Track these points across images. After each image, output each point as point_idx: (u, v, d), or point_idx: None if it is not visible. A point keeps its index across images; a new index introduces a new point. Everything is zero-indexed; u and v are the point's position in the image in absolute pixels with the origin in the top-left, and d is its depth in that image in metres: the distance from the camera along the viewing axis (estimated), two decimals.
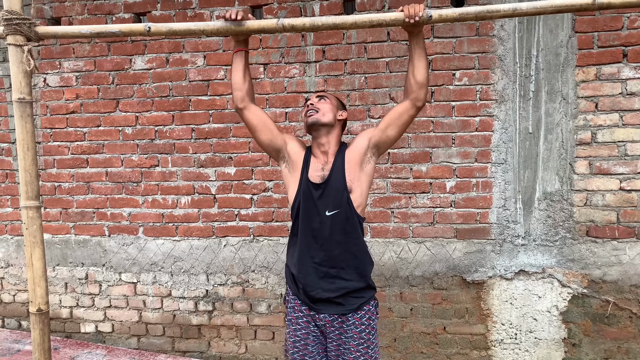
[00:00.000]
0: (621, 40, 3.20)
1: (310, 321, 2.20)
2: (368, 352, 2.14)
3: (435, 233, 3.53)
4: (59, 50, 3.79)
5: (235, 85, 2.18)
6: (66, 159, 3.90)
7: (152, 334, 3.93)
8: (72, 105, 3.84)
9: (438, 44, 3.40)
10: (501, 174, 3.42)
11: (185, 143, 3.74)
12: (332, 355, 2.18)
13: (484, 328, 3.52)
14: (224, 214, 3.75)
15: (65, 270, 3.99)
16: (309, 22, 2.03)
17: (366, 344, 2.14)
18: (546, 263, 3.41)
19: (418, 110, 2.13)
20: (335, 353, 2.17)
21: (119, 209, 3.88)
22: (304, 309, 2.20)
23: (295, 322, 2.22)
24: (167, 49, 3.68)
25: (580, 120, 3.30)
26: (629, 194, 3.29)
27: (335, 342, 2.17)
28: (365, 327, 2.16)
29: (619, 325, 3.35)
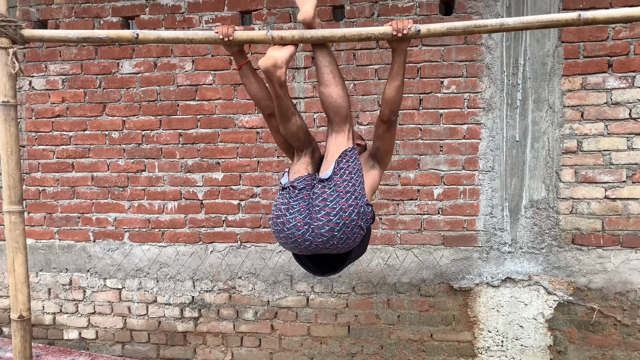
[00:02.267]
0: (606, 50, 3.24)
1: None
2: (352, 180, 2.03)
3: (423, 240, 3.54)
4: (45, 53, 3.75)
5: (256, 97, 2.19)
6: (51, 163, 3.85)
7: (137, 341, 3.88)
8: (57, 109, 3.79)
9: (426, 52, 3.42)
10: (488, 182, 3.44)
11: (173, 148, 3.72)
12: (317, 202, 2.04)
13: (471, 335, 3.53)
14: (211, 220, 3.73)
15: (48, 275, 3.93)
16: (298, 35, 2.03)
17: (351, 182, 2.03)
18: (532, 270, 3.43)
19: (386, 125, 2.14)
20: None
21: (105, 214, 3.83)
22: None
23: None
24: (156, 53, 3.66)
25: (567, 129, 3.33)
26: (613, 202, 3.32)
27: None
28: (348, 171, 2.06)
29: (604, 332, 3.38)
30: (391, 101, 2.08)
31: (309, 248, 2.01)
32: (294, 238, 1.99)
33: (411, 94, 3.45)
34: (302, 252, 2.09)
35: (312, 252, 2.05)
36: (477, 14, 3.33)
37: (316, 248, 2.00)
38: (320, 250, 2.02)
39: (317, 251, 2.03)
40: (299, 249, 2.05)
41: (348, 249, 2.05)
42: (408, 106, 3.46)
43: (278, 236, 2.06)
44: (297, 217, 1.99)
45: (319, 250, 2.02)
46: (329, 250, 2.02)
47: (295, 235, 1.98)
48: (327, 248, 2.00)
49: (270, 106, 2.16)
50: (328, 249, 2.01)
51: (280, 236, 2.04)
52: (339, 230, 1.95)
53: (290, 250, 2.12)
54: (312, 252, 2.05)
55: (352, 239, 2.01)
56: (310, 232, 1.97)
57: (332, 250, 2.02)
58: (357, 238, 2.03)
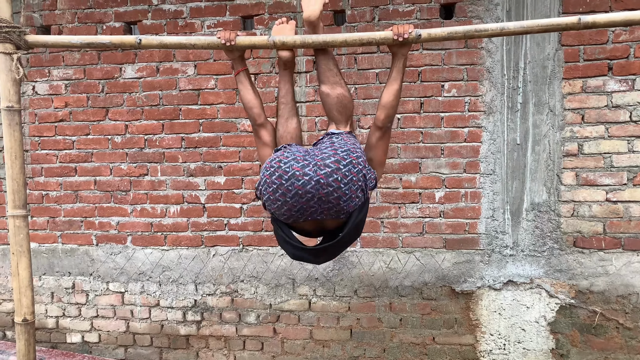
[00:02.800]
0: (606, 53, 3.25)
1: None
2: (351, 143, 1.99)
3: (425, 243, 3.55)
4: (48, 59, 3.78)
5: (248, 104, 2.15)
6: (54, 167, 3.87)
7: (140, 344, 3.89)
8: (61, 114, 3.82)
9: (427, 56, 3.43)
10: (489, 185, 3.45)
11: (175, 152, 3.73)
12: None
13: (473, 338, 3.53)
14: (213, 224, 3.74)
15: (51, 279, 3.94)
16: (299, 40, 2.05)
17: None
18: (534, 273, 3.43)
19: (380, 132, 2.09)
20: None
21: (107, 217, 3.85)
22: None
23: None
24: (158, 58, 3.68)
25: (567, 132, 3.34)
26: (615, 205, 3.33)
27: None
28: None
29: (606, 335, 3.38)
30: (388, 106, 2.06)
31: (309, 203, 1.84)
32: (294, 190, 1.81)
33: (412, 97, 3.46)
34: (298, 217, 1.90)
35: (309, 213, 1.87)
36: (477, 18, 3.35)
37: (316, 204, 1.84)
38: (318, 210, 1.86)
39: (314, 212, 1.87)
40: (296, 209, 1.86)
41: (347, 209, 1.89)
42: (409, 110, 3.48)
43: (274, 197, 1.86)
44: (294, 165, 1.84)
45: (317, 211, 1.87)
46: (328, 209, 1.86)
47: (295, 186, 1.81)
48: (328, 202, 1.84)
49: (262, 115, 2.15)
50: (328, 204, 1.85)
51: (277, 196, 1.85)
52: (344, 166, 1.84)
53: (285, 216, 1.92)
54: (309, 213, 1.87)
55: (355, 193, 1.87)
56: (313, 183, 1.80)
57: (331, 210, 1.87)
58: (358, 196, 1.90)
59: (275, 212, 1.93)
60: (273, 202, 1.89)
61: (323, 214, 1.89)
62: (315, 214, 1.88)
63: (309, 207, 1.86)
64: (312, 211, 1.87)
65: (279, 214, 1.93)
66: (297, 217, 1.91)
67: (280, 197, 1.85)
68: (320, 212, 1.88)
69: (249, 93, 2.16)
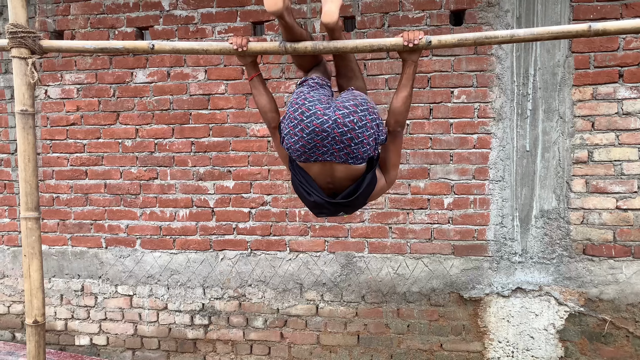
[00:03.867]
0: (617, 60, 3.24)
1: None
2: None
3: (433, 249, 3.54)
4: (61, 63, 3.82)
5: (263, 109, 2.19)
6: (65, 171, 3.90)
7: (147, 348, 3.90)
8: (72, 117, 3.86)
9: (437, 62, 3.44)
10: (499, 191, 3.44)
11: (185, 156, 3.76)
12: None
13: (481, 345, 3.52)
14: (222, 228, 3.76)
15: (61, 281, 3.97)
16: (310, 46, 2.07)
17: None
18: (543, 281, 3.41)
19: (391, 136, 2.12)
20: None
21: (117, 221, 3.87)
22: None
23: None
24: (169, 63, 3.72)
25: (577, 139, 3.33)
26: (625, 212, 3.31)
27: None
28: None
29: (616, 344, 3.35)
30: (397, 111, 2.09)
31: (323, 142, 1.93)
32: (311, 127, 1.92)
33: (421, 103, 3.47)
34: (309, 155, 1.98)
35: (319, 153, 1.96)
36: (487, 25, 3.35)
37: (329, 144, 1.93)
38: (330, 150, 1.94)
39: (325, 152, 1.95)
40: (310, 146, 1.95)
41: (356, 153, 1.96)
42: (418, 115, 3.48)
43: (293, 132, 1.97)
44: (317, 105, 1.96)
45: (328, 151, 1.95)
46: (339, 150, 1.94)
47: (313, 124, 1.92)
48: (341, 142, 1.92)
49: (276, 119, 2.18)
50: (340, 144, 1.93)
51: (296, 130, 1.96)
52: (362, 111, 1.94)
53: (298, 152, 2.00)
54: (319, 153, 1.96)
55: (367, 139, 1.95)
56: (330, 122, 1.90)
57: (341, 151, 1.94)
58: (370, 143, 1.97)
59: (290, 147, 2.03)
60: (291, 137, 2.00)
61: (333, 156, 1.97)
62: (325, 154, 1.97)
63: (322, 145, 1.95)
64: (323, 150, 1.96)
65: (293, 150, 2.02)
66: (308, 156, 2.00)
67: (299, 132, 1.96)
68: (330, 152, 1.96)
69: (264, 97, 2.18)
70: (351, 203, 2.11)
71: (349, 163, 2.00)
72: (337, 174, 2.04)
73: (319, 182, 2.09)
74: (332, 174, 2.05)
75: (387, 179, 2.20)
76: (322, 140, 1.94)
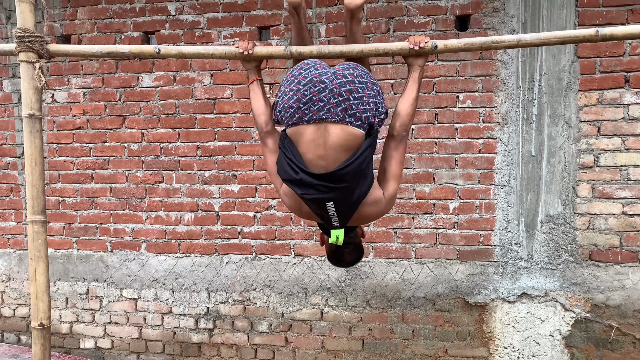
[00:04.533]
0: (623, 66, 3.24)
1: None
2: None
3: (438, 254, 3.53)
4: (67, 67, 3.85)
5: (257, 111, 2.15)
6: (71, 174, 3.92)
7: (152, 351, 3.90)
8: (78, 121, 3.88)
9: (442, 67, 3.44)
10: (504, 196, 3.44)
11: (190, 160, 3.77)
12: None
13: (486, 351, 3.50)
14: (227, 232, 3.76)
15: (66, 285, 3.98)
16: (316, 50, 2.08)
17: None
18: (549, 286, 3.40)
19: (396, 141, 2.05)
20: None
21: (122, 224, 3.89)
22: None
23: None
24: (175, 67, 3.73)
25: (583, 144, 3.32)
26: (631, 218, 3.29)
27: None
28: None
29: (622, 350, 3.32)
30: (403, 113, 2.03)
31: (320, 95, 1.85)
32: (309, 78, 1.87)
33: (427, 108, 3.47)
34: (304, 112, 1.88)
35: (315, 108, 1.87)
36: (492, 30, 3.35)
37: (325, 97, 1.85)
38: (326, 105, 1.85)
39: (321, 108, 1.86)
40: (305, 99, 1.87)
41: (355, 112, 1.87)
42: (423, 120, 3.48)
43: (289, 89, 1.91)
44: (313, 72, 1.90)
45: (325, 106, 1.86)
46: (336, 105, 1.85)
47: (311, 74, 1.88)
48: (339, 95, 1.84)
49: (269, 123, 2.13)
50: (339, 97, 1.85)
51: (292, 86, 1.90)
52: (362, 71, 1.91)
53: (291, 110, 1.90)
54: (315, 108, 1.87)
55: (368, 98, 1.88)
56: (329, 74, 1.87)
57: (339, 106, 1.86)
58: (370, 105, 1.89)
59: (283, 107, 1.93)
60: (285, 94, 1.92)
61: (329, 113, 1.86)
62: (321, 110, 1.86)
63: (318, 99, 1.86)
64: (319, 106, 1.86)
65: (286, 109, 1.92)
66: (302, 114, 1.88)
67: (295, 86, 1.90)
68: (327, 108, 1.86)
69: (260, 101, 2.16)
70: (342, 177, 1.91)
71: (346, 122, 1.87)
72: (331, 139, 1.89)
73: (309, 157, 1.93)
74: (326, 141, 1.89)
75: (386, 193, 2.05)
76: (319, 92, 1.86)
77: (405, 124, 2.05)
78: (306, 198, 1.97)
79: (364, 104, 1.88)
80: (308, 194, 1.95)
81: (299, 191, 1.96)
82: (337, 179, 1.91)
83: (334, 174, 1.90)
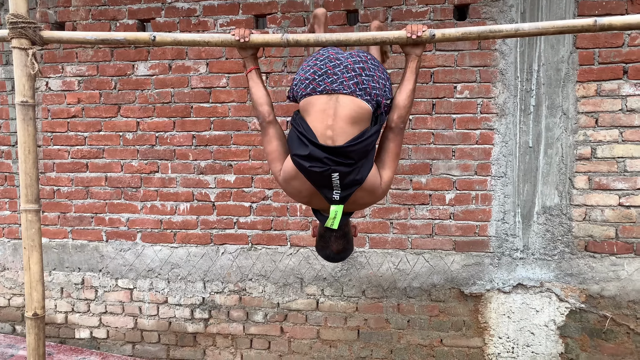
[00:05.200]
0: (622, 57, 3.22)
1: None
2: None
3: (434, 245, 3.53)
4: (62, 55, 3.80)
5: (259, 100, 2.13)
6: (66, 163, 3.89)
7: (147, 341, 3.90)
8: (73, 110, 3.84)
9: (440, 57, 3.42)
10: (501, 187, 3.43)
11: (186, 150, 3.74)
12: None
13: (481, 341, 3.51)
14: (223, 222, 3.75)
15: (61, 274, 3.97)
16: (313, 38, 2.06)
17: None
18: (544, 277, 3.41)
19: (393, 133, 2.06)
20: None
21: (118, 214, 3.87)
22: None
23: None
24: (170, 55, 3.70)
25: (580, 135, 3.31)
26: (627, 209, 3.29)
27: None
28: None
29: (617, 340, 3.34)
30: (401, 105, 2.04)
31: (334, 70, 1.97)
32: (326, 55, 2.02)
33: (424, 98, 3.45)
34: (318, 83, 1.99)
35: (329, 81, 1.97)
36: (491, 20, 3.33)
37: (339, 72, 1.97)
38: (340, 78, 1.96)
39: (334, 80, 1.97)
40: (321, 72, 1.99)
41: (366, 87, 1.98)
42: (421, 111, 3.46)
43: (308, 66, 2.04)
44: (331, 51, 2.06)
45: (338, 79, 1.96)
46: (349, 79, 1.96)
47: (329, 51, 2.04)
48: (353, 70, 1.97)
49: (271, 113, 2.13)
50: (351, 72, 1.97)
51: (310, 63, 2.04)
52: (372, 59, 2.04)
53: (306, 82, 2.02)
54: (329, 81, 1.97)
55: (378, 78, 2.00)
56: (345, 54, 2.02)
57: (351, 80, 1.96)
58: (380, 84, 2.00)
59: (300, 80, 2.04)
60: (303, 69, 2.05)
61: (342, 85, 1.96)
62: (334, 83, 1.96)
63: (332, 73, 1.97)
64: (333, 79, 1.97)
65: (302, 81, 2.03)
66: (316, 85, 1.99)
67: (312, 62, 2.04)
68: (340, 81, 1.96)
69: (260, 90, 2.14)
70: (349, 154, 1.95)
71: (357, 95, 1.96)
72: (341, 109, 1.95)
73: (318, 128, 1.98)
74: (335, 111, 1.95)
75: (382, 182, 2.08)
76: (334, 67, 1.97)
77: (403, 116, 2.06)
78: (313, 171, 1.97)
79: (374, 81, 1.98)
80: (316, 166, 1.97)
81: (307, 164, 1.97)
82: (345, 155, 1.95)
83: (342, 150, 1.94)
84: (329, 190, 2.01)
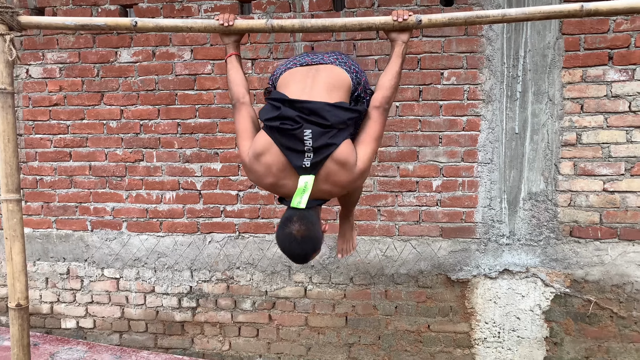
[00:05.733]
0: (607, 43, 3.23)
1: None
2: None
3: (421, 232, 3.54)
4: (42, 42, 3.72)
5: (236, 81, 2.07)
6: (48, 152, 3.83)
7: (135, 331, 3.88)
8: (55, 98, 3.77)
9: (427, 43, 3.40)
10: (487, 174, 3.44)
11: (171, 138, 3.70)
12: None
13: (468, 326, 3.55)
14: (209, 210, 3.72)
15: (46, 265, 3.92)
16: (298, 24, 2.02)
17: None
18: (530, 262, 3.44)
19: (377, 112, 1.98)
20: None
21: (103, 203, 3.82)
22: None
23: None
24: (154, 42, 3.63)
25: (566, 121, 3.33)
26: (612, 195, 3.33)
27: None
28: None
29: (600, 324, 3.39)
30: (386, 85, 1.98)
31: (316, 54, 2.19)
32: (304, 53, 2.22)
33: (411, 85, 3.43)
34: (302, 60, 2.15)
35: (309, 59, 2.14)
36: (478, 6, 3.31)
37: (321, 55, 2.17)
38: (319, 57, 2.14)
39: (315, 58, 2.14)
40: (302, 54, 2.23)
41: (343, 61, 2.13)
42: (408, 97, 3.45)
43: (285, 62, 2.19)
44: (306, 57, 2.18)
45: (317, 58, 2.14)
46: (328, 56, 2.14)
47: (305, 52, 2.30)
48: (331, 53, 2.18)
49: (246, 95, 2.06)
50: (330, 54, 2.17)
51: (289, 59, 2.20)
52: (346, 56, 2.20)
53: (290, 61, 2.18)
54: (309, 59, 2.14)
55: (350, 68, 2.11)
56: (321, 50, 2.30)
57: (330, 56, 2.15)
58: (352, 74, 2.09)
59: (279, 69, 2.17)
60: (282, 65, 2.19)
61: (322, 59, 2.11)
62: (315, 59, 2.12)
63: (313, 54, 2.21)
64: (313, 58, 2.14)
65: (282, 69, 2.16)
66: (297, 61, 2.16)
67: (292, 59, 2.21)
68: (320, 58, 2.12)
69: (238, 73, 2.09)
70: (324, 116, 1.85)
71: (337, 65, 2.08)
72: (320, 75, 2.02)
73: (294, 91, 1.95)
74: (314, 79, 1.99)
75: (358, 161, 1.91)
76: (314, 54, 2.19)
77: (387, 97, 1.99)
78: (284, 129, 1.85)
79: (350, 66, 2.10)
80: (287, 124, 1.85)
81: (278, 122, 1.86)
82: (318, 114, 1.86)
83: (316, 106, 1.87)
84: (299, 156, 1.85)
